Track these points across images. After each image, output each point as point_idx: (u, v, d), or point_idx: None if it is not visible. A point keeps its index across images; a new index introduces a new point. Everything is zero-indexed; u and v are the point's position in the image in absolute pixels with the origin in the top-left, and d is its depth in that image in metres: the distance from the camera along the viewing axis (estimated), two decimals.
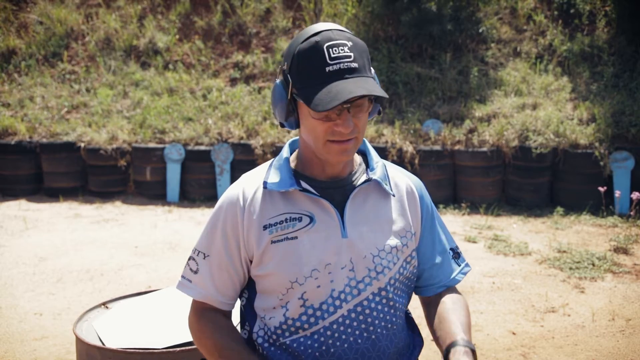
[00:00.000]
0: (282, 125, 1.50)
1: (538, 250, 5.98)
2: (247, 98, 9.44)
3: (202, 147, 8.49)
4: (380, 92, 1.35)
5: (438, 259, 1.58)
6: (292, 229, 1.45)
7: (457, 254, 1.59)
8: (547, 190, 7.88)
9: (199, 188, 8.40)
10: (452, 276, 1.59)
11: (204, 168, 8.40)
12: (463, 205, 7.77)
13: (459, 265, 1.57)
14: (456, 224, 7.13)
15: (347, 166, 1.53)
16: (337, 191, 1.49)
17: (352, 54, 1.35)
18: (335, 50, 1.34)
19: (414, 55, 9.85)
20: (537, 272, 5.32)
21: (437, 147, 8.10)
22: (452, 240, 1.63)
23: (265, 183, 1.50)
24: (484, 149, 7.94)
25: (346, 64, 1.34)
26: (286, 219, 1.46)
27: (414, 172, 7.56)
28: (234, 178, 8.08)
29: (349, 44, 1.36)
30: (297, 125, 1.47)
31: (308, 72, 1.37)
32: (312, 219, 1.46)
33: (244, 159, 8.23)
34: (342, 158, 1.43)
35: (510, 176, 7.97)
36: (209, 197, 8.26)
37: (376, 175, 1.53)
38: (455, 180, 8.11)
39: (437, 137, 8.24)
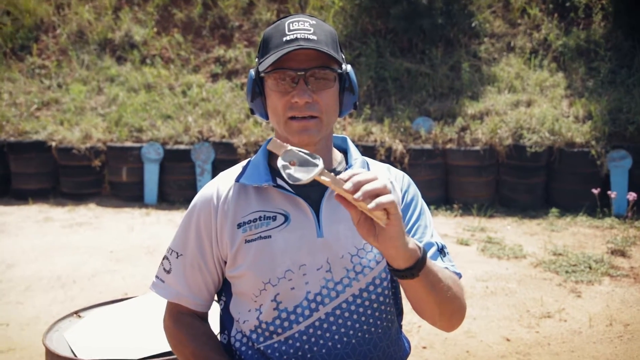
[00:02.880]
0: (252, 112, 1.53)
1: (533, 253, 6.00)
2: (229, 95, 9.40)
3: (182, 147, 8.45)
4: (328, 50, 1.39)
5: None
6: (266, 227, 1.46)
7: (442, 252, 1.53)
8: (542, 191, 7.92)
9: (178, 189, 8.36)
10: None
11: (183, 168, 8.36)
12: (455, 206, 7.79)
13: (443, 262, 1.50)
14: (448, 226, 7.14)
15: (324, 162, 1.52)
16: (313, 189, 1.48)
17: (312, 29, 1.42)
18: (296, 24, 1.42)
19: (404, 50, 9.87)
20: (532, 276, 5.33)
21: (428, 146, 8.11)
22: (439, 239, 1.57)
23: (237, 178, 1.52)
24: (477, 147, 7.97)
25: (303, 33, 1.40)
26: (260, 217, 1.47)
27: (403, 172, 7.56)
28: None
29: (313, 22, 1.44)
30: (264, 109, 1.50)
31: (269, 46, 1.44)
32: (286, 218, 1.47)
33: (226, 159, 8.20)
34: (303, 138, 1.43)
35: (503, 176, 8.00)
36: (189, 198, 8.22)
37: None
38: (446, 181, 8.13)
39: (428, 136, 8.26)
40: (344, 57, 1.51)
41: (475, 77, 9.27)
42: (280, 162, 1.12)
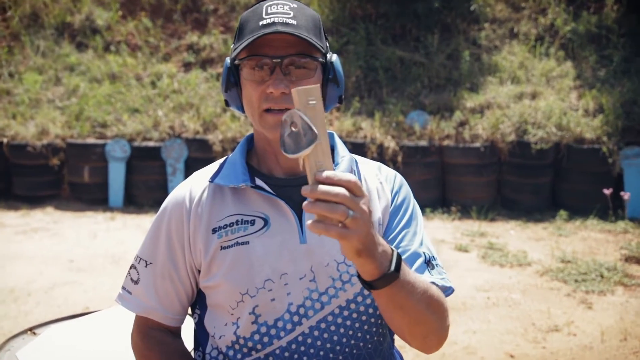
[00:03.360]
0: (227, 104, 1.54)
1: (539, 260, 6.04)
2: (203, 86, 9.37)
3: (151, 144, 8.42)
4: (308, 36, 1.39)
5: (399, 252, 1.48)
6: (244, 232, 1.46)
7: (431, 264, 1.51)
8: (548, 192, 7.98)
9: (147, 191, 8.33)
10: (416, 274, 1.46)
11: (153, 168, 8.34)
12: (453, 209, 7.83)
13: (430, 275, 1.48)
14: (445, 230, 7.17)
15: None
16: (295, 190, 1.47)
17: (292, 13, 1.42)
18: (274, 8, 1.43)
19: (396, 37, 9.90)
20: (537, 286, 5.37)
21: (423, 143, 8.14)
22: (431, 250, 1.56)
23: (212, 178, 1.52)
24: (477, 144, 8.01)
25: (281, 17, 1.41)
26: (237, 221, 1.47)
27: (396, 171, 7.58)
28: None
29: (293, 5, 1.44)
30: (240, 101, 1.50)
31: (244, 31, 1.45)
32: (266, 222, 1.47)
33: (200, 157, 8.18)
34: (278, 134, 1.41)
35: (506, 175, 8.06)
36: (159, 201, 8.17)
37: (341, 169, 1.52)
38: (443, 181, 8.17)
39: (422, 131, 8.29)
40: (328, 45, 1.51)
41: (475, 66, 9.32)
42: (284, 117, 1.10)
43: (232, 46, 1.51)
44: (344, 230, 1.10)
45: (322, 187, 1.07)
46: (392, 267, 1.21)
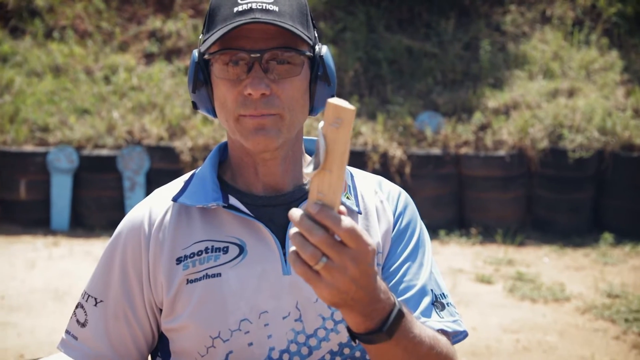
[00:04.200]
0: (195, 106, 1.54)
1: (579, 294, 6.02)
2: (168, 82, 9.36)
3: (104, 152, 8.37)
4: (293, 26, 1.40)
5: (401, 288, 1.51)
6: (215, 262, 1.47)
7: (440, 304, 1.53)
8: (589, 210, 7.98)
9: (99, 210, 8.29)
10: (422, 319, 1.48)
11: (106, 181, 8.30)
12: (473, 231, 7.82)
13: (439, 317, 1.49)
14: (463, 257, 7.16)
15: (290, 175, 1.56)
16: (278, 210, 1.50)
17: None
18: None
19: (403, 22, 9.92)
20: (578, 326, 5.34)
21: (436, 151, 8.14)
22: (441, 286, 1.57)
23: (176, 196, 1.53)
24: (501, 152, 8.02)
25: (260, 3, 1.42)
26: (207, 249, 1.48)
27: (403, 185, 7.58)
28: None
29: None
30: (211, 103, 1.51)
31: (215, 18, 1.46)
32: (242, 249, 1.48)
33: (165, 168, 8.15)
34: (258, 141, 1.44)
35: (538, 190, 8.06)
36: (114, 222, 8.07)
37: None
38: (461, 197, 8.16)
39: (435, 137, 8.29)
40: (317, 34, 1.53)
41: (499, 58, 9.34)
42: (320, 124, 1.11)
43: (200, 36, 1.53)
44: (313, 274, 1.10)
45: (303, 220, 1.09)
46: (385, 328, 1.21)
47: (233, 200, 1.50)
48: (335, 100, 1.08)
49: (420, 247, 1.58)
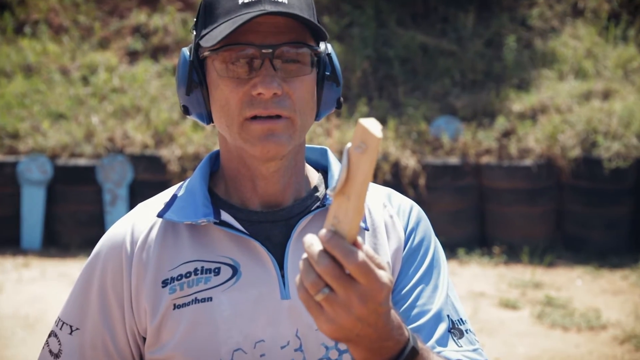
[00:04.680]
0: (186, 111, 1.53)
1: (617, 321, 5.99)
2: (154, 83, 9.37)
3: (82, 162, 8.38)
4: (308, 17, 1.41)
5: (414, 313, 1.50)
6: (205, 285, 1.46)
7: (458, 331, 1.52)
8: (628, 227, 7.95)
9: (75, 227, 8.28)
10: (437, 348, 1.47)
11: (84, 195, 8.30)
12: (496, 250, 7.80)
13: (457, 346, 1.48)
14: (485, 279, 7.14)
15: (292, 187, 1.55)
16: (276, 227, 1.50)
17: None
18: None
19: (417, 16, 9.93)
20: (616, 358, 5.32)
21: (454, 160, 8.14)
22: (458, 311, 1.57)
23: (162, 211, 1.51)
24: (528, 162, 8.00)
25: None
26: (196, 270, 1.47)
27: (417, 198, 7.58)
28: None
29: None
30: (206, 107, 1.50)
31: (215, 11, 1.46)
32: (235, 271, 1.47)
33: (150, 180, 8.16)
34: (269, 148, 1.44)
35: (569, 204, 8.04)
36: (93, 241, 8.06)
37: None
38: (482, 212, 8.15)
39: (453, 144, 8.28)
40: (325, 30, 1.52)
41: (525, 56, 9.34)
42: (348, 146, 1.10)
43: (192, 31, 1.53)
44: (314, 304, 1.10)
45: (312, 245, 1.09)
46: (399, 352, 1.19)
47: (225, 216, 1.49)
48: (365, 122, 1.06)
49: (434, 267, 1.57)
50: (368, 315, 1.10)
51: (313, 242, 1.08)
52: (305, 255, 1.10)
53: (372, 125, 1.06)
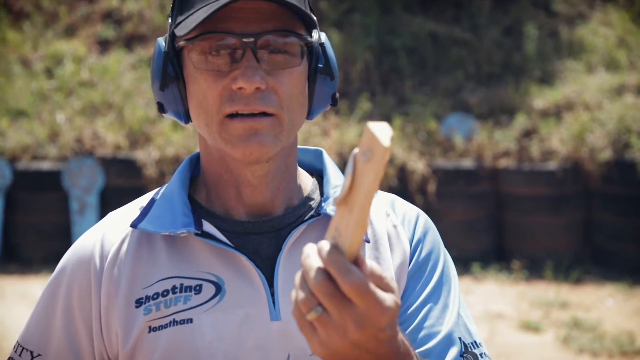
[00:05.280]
0: (161, 109, 1.53)
1: None
2: (128, 76, 9.37)
3: (46, 165, 8.38)
4: (294, 4, 1.39)
5: (422, 336, 1.50)
6: (184, 305, 1.45)
7: (472, 355, 1.51)
8: None
9: (38, 239, 8.29)
10: None
11: (48, 203, 8.31)
12: (515, 264, 7.80)
13: None
14: (504, 298, 7.14)
15: (282, 194, 1.55)
16: (264, 238, 1.50)
17: None
18: None
19: (427, 2, 9.96)
20: None
21: (468, 164, 8.16)
22: (472, 333, 1.56)
23: (136, 221, 1.50)
24: (551, 165, 8.02)
25: None
26: (174, 288, 1.46)
27: (426, 207, 7.59)
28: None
29: None
30: (183, 104, 1.50)
31: None
32: (219, 288, 1.47)
33: (124, 186, 8.17)
34: (252, 150, 1.43)
35: (598, 214, 8.04)
36: (57, 255, 8.05)
37: (332, 206, 1.51)
38: (500, 221, 8.17)
39: (467, 146, 8.30)
40: (315, 18, 1.52)
41: (548, 45, 9.35)
42: (355, 151, 1.09)
43: (169, 19, 1.52)
44: (306, 323, 1.09)
45: (309, 257, 1.07)
46: None
47: (208, 227, 1.48)
48: (374, 126, 1.05)
49: (444, 283, 1.56)
50: (366, 342, 1.09)
51: (310, 254, 1.07)
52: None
53: (381, 130, 1.04)
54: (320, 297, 1.06)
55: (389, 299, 1.07)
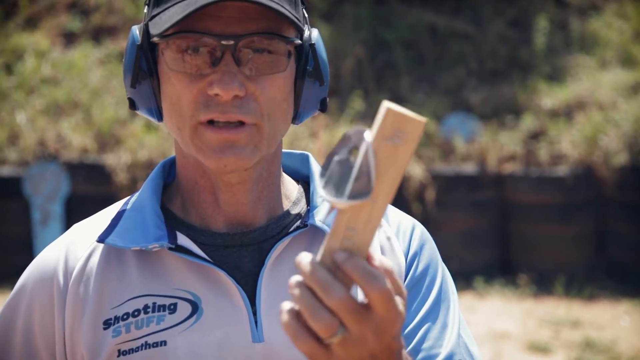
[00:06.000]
0: (132, 105, 1.52)
1: None
2: (96, 72, 9.37)
3: (5, 171, 8.39)
4: (279, 3, 1.39)
5: (420, 358, 1.50)
6: (157, 326, 1.45)
7: None
8: None
9: None
10: None
11: (8, 212, 8.34)
12: (522, 279, 7.83)
13: None
14: (509, 316, 7.15)
15: (264, 203, 1.55)
16: (245, 252, 1.51)
17: None
18: None
19: None
20: None
21: (470, 169, 8.19)
22: (473, 354, 1.56)
23: (102, 236, 1.49)
24: (561, 171, 8.05)
25: None
26: (146, 308, 1.46)
27: (424, 216, 7.60)
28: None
29: None
30: (156, 102, 1.50)
31: None
32: (195, 307, 1.47)
33: (92, 194, 8.17)
34: (227, 162, 1.43)
35: (613, 223, 8.07)
36: (18, 270, 8.01)
37: (320, 216, 1.52)
38: (505, 232, 8.19)
39: (469, 149, 8.32)
40: (306, 14, 1.53)
41: (558, 39, 9.39)
42: (349, 131, 1.07)
43: (145, 9, 1.52)
44: (322, 351, 1.07)
45: (317, 271, 1.05)
46: None
47: (183, 240, 1.48)
48: (394, 106, 1.05)
49: (442, 301, 1.57)
50: (381, 352, 1.09)
51: (317, 267, 1.05)
52: (296, 283, 1.06)
53: (403, 109, 1.05)
54: (342, 315, 1.04)
55: (401, 303, 1.08)
